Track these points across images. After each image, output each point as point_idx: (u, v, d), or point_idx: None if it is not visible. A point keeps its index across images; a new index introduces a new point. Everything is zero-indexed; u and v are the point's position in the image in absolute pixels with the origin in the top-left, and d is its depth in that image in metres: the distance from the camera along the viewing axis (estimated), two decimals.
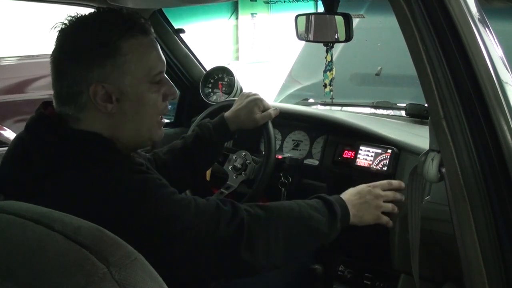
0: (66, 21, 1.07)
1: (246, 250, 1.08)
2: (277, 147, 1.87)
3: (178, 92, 1.20)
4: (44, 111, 1.10)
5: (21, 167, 1.04)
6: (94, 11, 1.12)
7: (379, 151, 1.65)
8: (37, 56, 3.94)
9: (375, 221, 1.37)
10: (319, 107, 2.35)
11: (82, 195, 0.99)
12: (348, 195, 1.36)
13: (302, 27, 1.63)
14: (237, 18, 10.87)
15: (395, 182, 1.44)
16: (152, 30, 1.12)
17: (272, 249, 1.13)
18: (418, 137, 1.67)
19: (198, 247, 1.04)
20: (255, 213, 1.13)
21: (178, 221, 1.03)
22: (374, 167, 1.65)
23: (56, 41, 1.08)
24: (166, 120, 2.42)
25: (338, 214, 1.26)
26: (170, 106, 2.55)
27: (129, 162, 1.09)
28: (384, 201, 1.39)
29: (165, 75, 1.16)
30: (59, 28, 1.07)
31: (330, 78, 1.90)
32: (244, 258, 1.08)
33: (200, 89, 2.18)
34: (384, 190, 1.41)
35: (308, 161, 1.83)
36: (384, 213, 1.39)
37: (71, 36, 1.06)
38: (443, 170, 0.98)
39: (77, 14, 1.09)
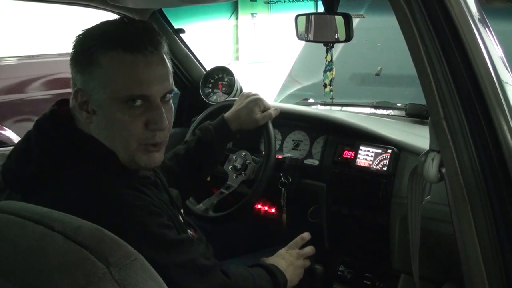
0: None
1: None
2: (277, 147, 1.87)
3: (167, 124, 1.07)
4: (58, 108, 1.10)
5: (24, 161, 1.04)
6: (102, 22, 1.09)
7: (379, 151, 1.65)
8: (37, 56, 3.94)
9: (299, 279, 1.44)
10: (319, 107, 2.35)
11: (73, 196, 0.99)
12: (276, 262, 1.40)
13: (302, 27, 1.63)
14: (237, 18, 10.86)
15: (305, 235, 1.54)
16: (151, 50, 1.03)
17: None
18: (418, 137, 1.67)
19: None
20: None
21: (154, 251, 0.98)
22: (374, 167, 1.65)
23: None
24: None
25: (281, 284, 1.32)
26: None
27: (128, 175, 1.07)
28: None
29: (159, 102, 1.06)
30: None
31: (330, 78, 1.90)
32: None
33: (200, 89, 2.18)
34: (297, 246, 1.50)
35: (308, 161, 1.83)
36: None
37: (76, 41, 1.07)
38: (443, 170, 0.98)
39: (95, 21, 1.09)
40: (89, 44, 1.03)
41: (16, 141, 1.16)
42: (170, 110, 1.10)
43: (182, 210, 1.30)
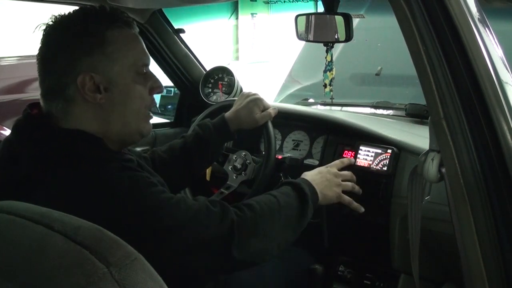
0: (51, 21, 1.09)
1: (237, 249, 1.10)
2: (277, 147, 1.87)
3: (163, 87, 1.20)
4: (31, 111, 1.10)
5: (10, 168, 1.04)
6: (77, 9, 1.13)
7: (379, 151, 1.65)
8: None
9: (337, 200, 1.45)
10: (319, 107, 2.35)
11: (71, 194, 0.99)
12: (310, 175, 1.42)
13: (302, 27, 1.63)
14: (237, 18, 10.87)
15: (345, 160, 1.56)
16: (135, 25, 1.14)
17: (261, 246, 1.17)
18: (418, 137, 1.67)
19: (188, 246, 1.05)
20: (243, 214, 1.15)
21: (167, 218, 1.03)
22: (374, 167, 1.65)
23: (41, 40, 1.10)
24: (165, 120, 2.43)
25: (308, 195, 1.31)
26: (170, 106, 2.57)
27: (118, 159, 1.08)
28: (343, 180, 1.48)
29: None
30: (44, 28, 1.09)
31: (330, 78, 1.90)
32: (236, 257, 1.10)
33: (200, 89, 2.18)
34: (337, 167, 1.50)
35: (308, 161, 1.83)
36: (345, 193, 1.47)
37: (58, 31, 1.08)
38: (443, 170, 0.98)
39: (60, 13, 1.10)
40: (91, 28, 1.06)
41: None
42: None
43: None
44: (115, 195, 1.00)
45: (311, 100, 2.46)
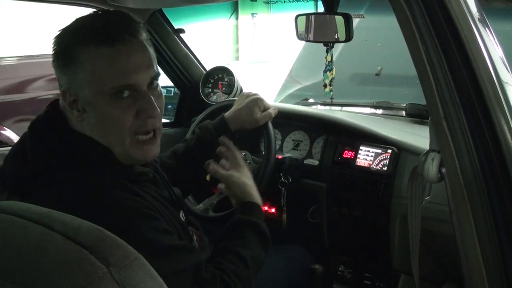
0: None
1: None
2: (277, 147, 1.87)
3: (158, 111, 1.07)
4: (52, 110, 1.09)
5: (20, 163, 1.04)
6: (78, 17, 1.08)
7: (379, 151, 1.66)
8: (37, 56, 3.93)
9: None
10: (319, 107, 2.35)
11: (69, 199, 0.98)
12: (255, 197, 1.37)
13: (302, 27, 1.63)
14: (237, 18, 10.87)
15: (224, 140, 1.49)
16: (123, 39, 1.01)
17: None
18: (418, 137, 1.67)
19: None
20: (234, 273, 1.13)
21: (149, 260, 0.99)
22: (374, 167, 1.65)
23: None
24: (165, 120, 2.43)
25: (267, 233, 1.28)
26: (170, 106, 2.56)
27: (127, 174, 1.07)
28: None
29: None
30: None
31: (330, 78, 1.90)
32: None
33: (200, 89, 2.18)
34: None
35: (308, 161, 1.83)
36: None
37: (55, 40, 1.05)
38: (443, 170, 0.98)
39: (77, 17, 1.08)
40: (66, 43, 1.02)
41: (16, 141, 1.15)
42: (159, 97, 1.09)
43: (184, 209, 1.29)
44: (107, 213, 0.97)
45: (311, 100, 2.46)
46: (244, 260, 1.17)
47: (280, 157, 1.78)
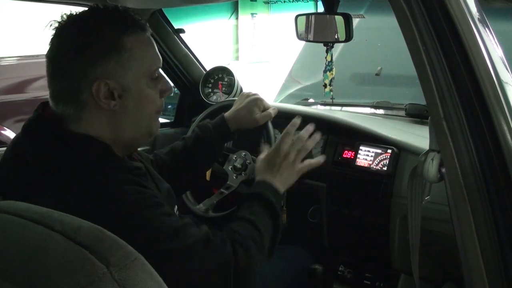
0: (62, 20, 1.06)
1: (242, 260, 1.12)
2: None
3: (173, 88, 1.20)
4: (43, 112, 1.08)
5: (18, 168, 1.03)
6: (90, 8, 1.10)
7: (379, 151, 1.66)
8: (37, 56, 3.93)
9: (298, 177, 1.38)
10: (319, 107, 2.35)
11: (75, 199, 0.98)
12: (263, 173, 1.35)
13: (302, 27, 1.63)
14: (237, 18, 10.87)
15: (294, 121, 1.47)
16: (148, 27, 1.13)
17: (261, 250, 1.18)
18: (418, 137, 1.67)
19: (180, 277, 1.03)
20: (239, 253, 1.14)
21: (163, 243, 1.01)
22: (374, 167, 1.65)
23: (53, 39, 1.06)
24: (165, 120, 2.43)
25: (277, 209, 1.28)
26: (170, 106, 2.57)
27: (127, 168, 1.08)
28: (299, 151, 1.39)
29: (164, 74, 1.17)
30: (55, 27, 1.06)
31: (330, 78, 1.90)
32: (242, 265, 1.12)
33: (200, 89, 2.18)
34: (289, 138, 1.40)
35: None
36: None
37: (70, 33, 1.05)
38: (443, 170, 0.98)
39: (72, 12, 1.07)
40: (108, 34, 1.04)
41: (6, 148, 1.14)
42: None
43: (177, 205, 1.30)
44: (118, 209, 0.99)
45: (311, 100, 2.46)
46: (253, 223, 1.21)
47: None
